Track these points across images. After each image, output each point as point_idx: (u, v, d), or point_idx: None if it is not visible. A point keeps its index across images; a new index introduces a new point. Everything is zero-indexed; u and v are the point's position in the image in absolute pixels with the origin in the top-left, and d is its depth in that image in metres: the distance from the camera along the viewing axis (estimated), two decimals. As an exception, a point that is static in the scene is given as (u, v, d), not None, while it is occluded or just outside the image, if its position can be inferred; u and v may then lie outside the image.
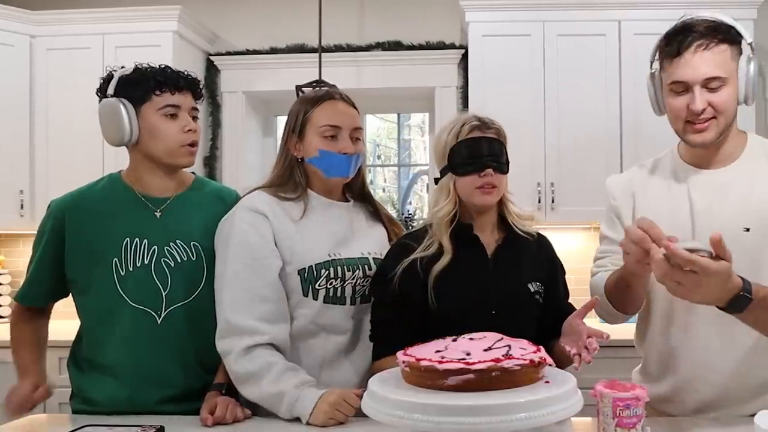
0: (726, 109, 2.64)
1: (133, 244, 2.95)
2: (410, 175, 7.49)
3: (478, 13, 5.85)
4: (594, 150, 5.67)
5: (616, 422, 2.16)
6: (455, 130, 2.91)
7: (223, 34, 6.63)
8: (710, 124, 2.65)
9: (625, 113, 5.70)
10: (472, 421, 1.96)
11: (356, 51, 6.48)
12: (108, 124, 3.00)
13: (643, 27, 5.60)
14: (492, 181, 2.85)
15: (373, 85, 6.46)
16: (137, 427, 2.55)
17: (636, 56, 5.58)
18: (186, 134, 2.98)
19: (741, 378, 2.70)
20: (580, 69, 5.75)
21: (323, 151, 2.96)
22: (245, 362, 2.76)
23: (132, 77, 2.98)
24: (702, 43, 2.60)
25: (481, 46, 5.85)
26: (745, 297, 2.28)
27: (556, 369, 2.30)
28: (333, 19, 6.31)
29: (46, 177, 5.91)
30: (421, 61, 6.40)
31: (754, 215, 2.63)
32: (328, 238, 2.98)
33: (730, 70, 2.62)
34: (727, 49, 2.62)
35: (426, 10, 6.51)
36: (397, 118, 7.60)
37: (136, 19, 5.91)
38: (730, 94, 2.64)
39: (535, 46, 5.79)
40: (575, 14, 5.79)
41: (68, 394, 3.17)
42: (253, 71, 6.54)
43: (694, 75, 2.61)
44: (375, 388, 2.17)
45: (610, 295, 2.84)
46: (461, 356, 2.09)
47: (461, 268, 2.87)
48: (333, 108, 3.02)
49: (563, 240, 4.25)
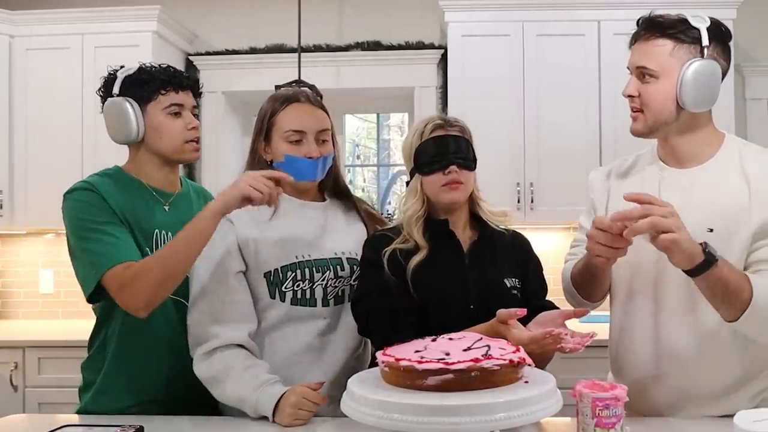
0: (651, 103, 2.70)
1: (162, 237, 3.02)
2: (390, 175, 7.50)
3: (457, 13, 5.85)
4: (573, 150, 5.68)
5: (596, 422, 2.16)
6: (419, 129, 2.93)
7: (203, 34, 6.62)
8: (638, 116, 2.76)
9: (604, 113, 5.71)
10: (451, 421, 1.96)
11: (336, 51, 6.48)
12: (115, 122, 3.07)
13: (622, 27, 5.56)
14: (457, 178, 2.85)
15: (352, 85, 6.46)
16: (116, 427, 2.54)
17: (615, 56, 5.57)
18: (190, 131, 3.13)
19: (712, 373, 2.71)
20: (560, 69, 5.76)
21: (288, 156, 2.96)
22: (205, 367, 2.82)
23: (137, 77, 3.07)
24: (641, 35, 2.72)
25: (460, 46, 5.85)
26: (711, 255, 2.38)
27: (535, 369, 2.31)
28: (312, 19, 6.30)
29: (25, 177, 5.87)
30: (401, 61, 6.40)
31: (718, 217, 2.64)
32: (297, 239, 2.97)
33: (665, 66, 2.65)
34: (667, 44, 2.65)
35: (405, 11, 6.52)
36: (376, 118, 7.61)
37: (116, 19, 5.90)
38: (659, 90, 2.67)
39: (515, 46, 5.80)
40: (555, 14, 5.80)
41: (47, 394, 3.15)
42: (233, 71, 6.52)
43: (631, 62, 2.77)
44: (354, 387, 2.17)
45: (576, 283, 2.92)
46: (440, 356, 2.10)
47: (438, 263, 2.87)
48: (297, 112, 3.01)
49: (542, 239, 4.26)
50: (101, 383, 3.00)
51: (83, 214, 2.90)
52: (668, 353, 2.73)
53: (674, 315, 2.72)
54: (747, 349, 2.67)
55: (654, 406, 2.81)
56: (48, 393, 5.11)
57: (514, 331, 2.53)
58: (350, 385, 2.21)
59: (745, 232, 2.62)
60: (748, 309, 2.45)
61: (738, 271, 2.49)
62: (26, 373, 5.24)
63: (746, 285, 2.46)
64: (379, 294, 2.81)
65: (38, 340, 5.31)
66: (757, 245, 2.62)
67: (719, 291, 2.46)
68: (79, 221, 2.90)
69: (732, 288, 2.44)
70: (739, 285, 2.45)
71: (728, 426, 2.11)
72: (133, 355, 2.98)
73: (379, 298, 2.81)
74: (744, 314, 2.46)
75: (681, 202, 2.62)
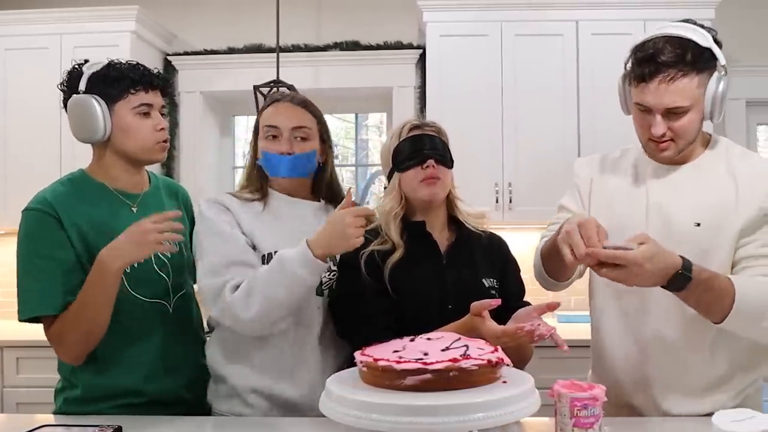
0: (686, 132, 2.67)
1: None
2: (368, 175, 7.48)
3: (435, 13, 5.86)
4: (551, 150, 5.69)
5: (574, 422, 2.16)
6: (395, 132, 2.98)
7: (181, 34, 6.62)
8: (669, 144, 2.69)
9: (582, 113, 5.73)
10: (429, 421, 1.96)
11: (314, 51, 6.49)
12: (80, 121, 2.94)
13: (600, 27, 5.65)
14: (435, 173, 2.87)
15: (330, 85, 6.47)
16: (95, 427, 2.53)
17: (593, 56, 5.64)
18: (159, 132, 3.01)
19: (696, 369, 2.73)
20: (538, 69, 5.78)
21: (264, 152, 3.02)
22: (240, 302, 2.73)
23: (106, 74, 2.95)
24: (666, 75, 2.58)
25: (438, 46, 5.87)
26: (684, 275, 2.38)
27: (514, 369, 2.31)
28: (291, 19, 6.30)
29: (4, 177, 5.88)
30: (379, 61, 6.42)
31: (705, 211, 2.67)
32: (289, 232, 2.94)
33: (695, 97, 2.61)
34: (694, 78, 2.60)
35: (384, 11, 6.53)
36: (354, 118, 7.59)
37: (94, 19, 5.90)
38: (692, 119, 2.64)
39: (493, 46, 5.81)
40: (533, 14, 5.81)
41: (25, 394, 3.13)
42: (211, 71, 6.52)
43: (656, 104, 2.62)
44: (332, 387, 2.17)
45: (544, 260, 2.93)
46: (419, 356, 2.10)
47: (415, 263, 2.88)
48: (275, 109, 3.06)
49: (521, 240, 4.26)
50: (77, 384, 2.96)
51: (30, 242, 2.84)
52: (653, 349, 2.75)
53: (659, 310, 2.74)
54: (730, 345, 2.69)
55: (638, 403, 2.83)
56: (26, 393, 5.09)
57: (488, 323, 2.55)
58: (329, 385, 2.20)
59: (732, 229, 2.65)
60: (731, 311, 2.47)
61: (719, 277, 2.50)
62: (4, 373, 5.23)
63: (729, 289, 2.48)
64: (356, 296, 2.83)
65: (16, 340, 5.28)
66: (743, 242, 2.65)
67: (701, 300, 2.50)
68: (26, 248, 2.84)
69: (714, 295, 2.48)
70: (721, 290, 2.48)
71: (707, 426, 2.12)
72: (108, 356, 2.92)
73: (355, 300, 2.83)
74: (728, 317, 2.48)
75: (669, 198, 2.67)
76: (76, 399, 2.95)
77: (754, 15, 6.31)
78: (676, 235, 2.67)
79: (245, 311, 2.72)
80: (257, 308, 2.71)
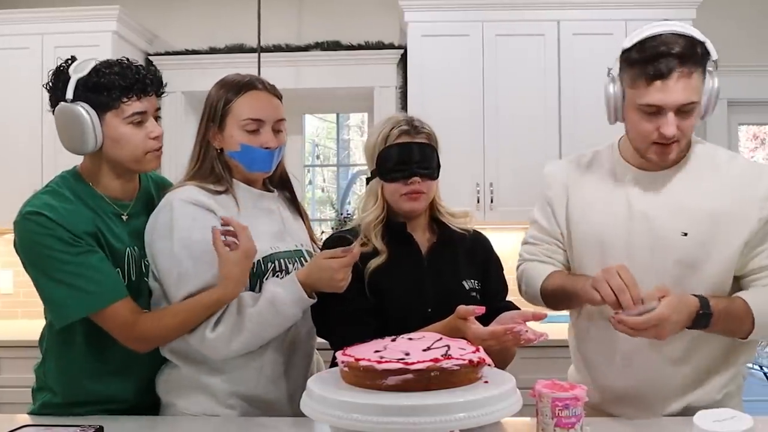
0: (688, 131, 2.64)
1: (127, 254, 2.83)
2: (349, 175, 7.50)
3: (417, 13, 5.87)
4: (533, 150, 5.69)
5: (555, 422, 2.16)
6: (384, 132, 2.88)
7: (162, 34, 6.60)
8: (673, 146, 2.64)
9: (563, 113, 5.75)
10: (411, 421, 1.96)
11: (295, 51, 6.48)
12: (69, 132, 2.76)
13: (581, 27, 5.66)
14: (419, 189, 2.84)
15: (312, 85, 6.46)
16: (76, 427, 2.52)
17: (575, 56, 5.66)
18: (152, 141, 2.85)
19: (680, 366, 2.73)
20: (519, 69, 5.79)
21: (245, 145, 2.85)
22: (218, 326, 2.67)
23: (95, 81, 2.73)
24: (683, 70, 2.52)
25: (420, 46, 5.87)
26: (706, 314, 2.46)
27: (495, 369, 2.31)
28: (272, 19, 6.32)
29: (-15, 180, 5.85)
30: (360, 61, 6.42)
31: (692, 220, 2.64)
32: (266, 231, 2.89)
33: (700, 93, 2.60)
34: (700, 73, 2.57)
35: (365, 10, 6.54)
36: (336, 118, 7.61)
37: (75, 19, 5.88)
38: (696, 116, 2.62)
39: (474, 46, 5.82)
40: (514, 14, 5.82)
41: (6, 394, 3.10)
42: (192, 71, 6.48)
43: (671, 101, 2.54)
44: (314, 387, 2.17)
45: (545, 296, 2.91)
46: (400, 356, 2.10)
47: (396, 266, 2.86)
48: (256, 99, 2.90)
49: (502, 239, 4.25)
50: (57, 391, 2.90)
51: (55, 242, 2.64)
52: (637, 346, 2.71)
53: None
54: (708, 346, 2.70)
55: (621, 400, 2.83)
56: (7, 393, 5.05)
57: (473, 326, 2.54)
58: (310, 385, 2.21)
59: (737, 239, 2.63)
60: (755, 329, 2.57)
61: (734, 301, 2.57)
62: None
63: (746, 309, 2.55)
64: (336, 296, 2.75)
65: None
66: (754, 252, 2.65)
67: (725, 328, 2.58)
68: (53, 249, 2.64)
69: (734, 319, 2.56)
70: (740, 313, 2.55)
71: (688, 426, 2.12)
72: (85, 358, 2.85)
73: (335, 301, 2.77)
74: (752, 333, 2.59)
75: (654, 206, 2.65)
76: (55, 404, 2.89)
77: (735, 15, 6.34)
78: (661, 245, 2.66)
79: (227, 347, 2.68)
80: (241, 345, 2.69)
